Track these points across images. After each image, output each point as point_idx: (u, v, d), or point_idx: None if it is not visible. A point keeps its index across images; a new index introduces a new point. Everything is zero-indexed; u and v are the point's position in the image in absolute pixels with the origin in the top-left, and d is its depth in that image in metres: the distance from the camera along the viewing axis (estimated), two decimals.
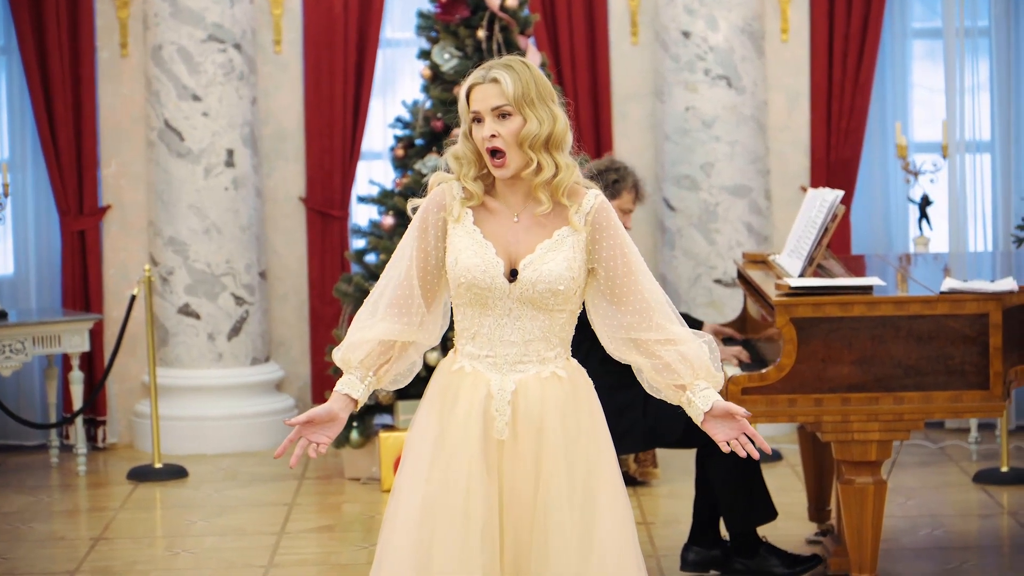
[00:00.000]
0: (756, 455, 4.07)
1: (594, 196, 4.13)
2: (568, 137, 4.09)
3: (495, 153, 4.06)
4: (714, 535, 6.40)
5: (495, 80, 4.06)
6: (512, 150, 4.05)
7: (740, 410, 4.05)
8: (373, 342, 4.12)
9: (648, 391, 4.19)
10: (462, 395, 4.09)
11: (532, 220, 4.11)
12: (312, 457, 4.07)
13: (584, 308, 4.21)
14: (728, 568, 6.37)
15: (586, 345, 4.75)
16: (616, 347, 4.16)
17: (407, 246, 4.15)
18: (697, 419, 4.08)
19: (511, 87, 4.04)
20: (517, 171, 4.07)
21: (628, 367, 4.04)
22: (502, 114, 4.05)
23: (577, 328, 4.21)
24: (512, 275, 4.07)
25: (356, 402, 4.10)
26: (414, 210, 4.19)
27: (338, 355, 4.14)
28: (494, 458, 4.07)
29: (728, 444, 4.05)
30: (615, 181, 6.43)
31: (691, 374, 4.08)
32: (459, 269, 4.08)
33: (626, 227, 6.39)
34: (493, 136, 4.04)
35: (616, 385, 5.96)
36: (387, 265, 4.20)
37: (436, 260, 4.15)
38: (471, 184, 4.12)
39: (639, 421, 6.18)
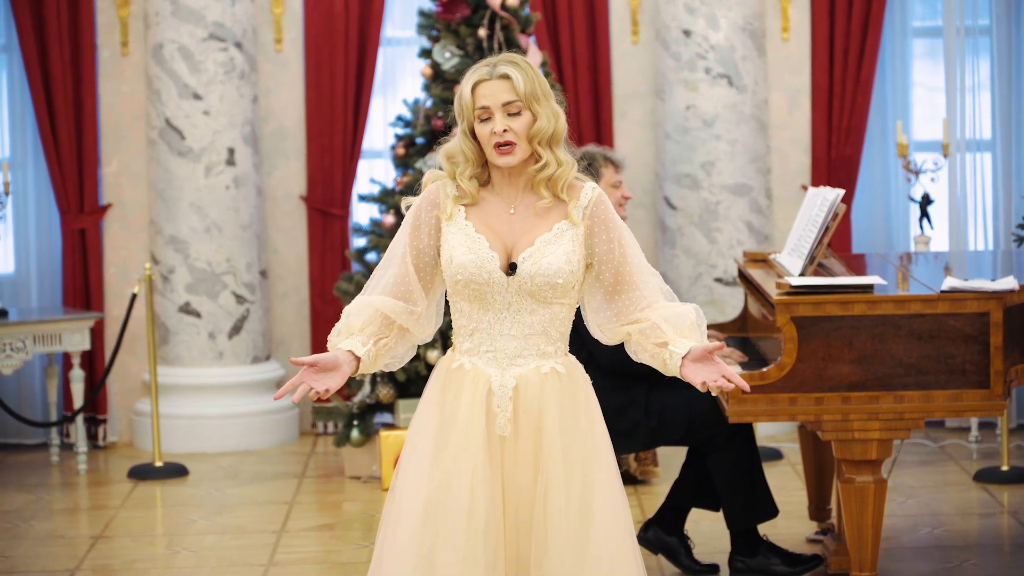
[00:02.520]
0: (729, 387, 4.00)
1: (591, 189, 4.14)
2: (565, 134, 4.13)
3: (504, 145, 4.05)
4: (677, 524, 6.40)
5: (505, 76, 4.06)
6: (522, 143, 4.06)
7: (715, 344, 4.03)
8: (374, 309, 4.09)
9: (632, 357, 4.18)
10: (464, 393, 4.09)
11: (530, 212, 4.12)
12: (312, 400, 4.05)
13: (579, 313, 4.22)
14: (679, 561, 6.38)
15: (583, 354, 4.74)
16: (605, 333, 4.17)
17: (400, 243, 4.15)
18: (675, 367, 4.05)
19: (522, 84, 4.05)
20: (520, 162, 4.07)
21: (625, 377, 4.02)
22: (512, 110, 4.05)
23: (573, 338, 4.20)
24: (511, 268, 4.07)
25: (359, 361, 4.06)
26: (408, 208, 4.19)
27: (338, 326, 4.10)
28: (496, 454, 4.07)
29: (705, 384, 4.02)
30: (588, 165, 6.45)
31: (674, 332, 4.07)
32: (454, 267, 4.08)
33: (625, 197, 6.48)
34: (506, 131, 4.04)
35: (612, 388, 5.96)
36: (378, 265, 4.19)
37: (429, 258, 4.14)
38: (466, 182, 4.12)
39: (641, 421, 6.18)
